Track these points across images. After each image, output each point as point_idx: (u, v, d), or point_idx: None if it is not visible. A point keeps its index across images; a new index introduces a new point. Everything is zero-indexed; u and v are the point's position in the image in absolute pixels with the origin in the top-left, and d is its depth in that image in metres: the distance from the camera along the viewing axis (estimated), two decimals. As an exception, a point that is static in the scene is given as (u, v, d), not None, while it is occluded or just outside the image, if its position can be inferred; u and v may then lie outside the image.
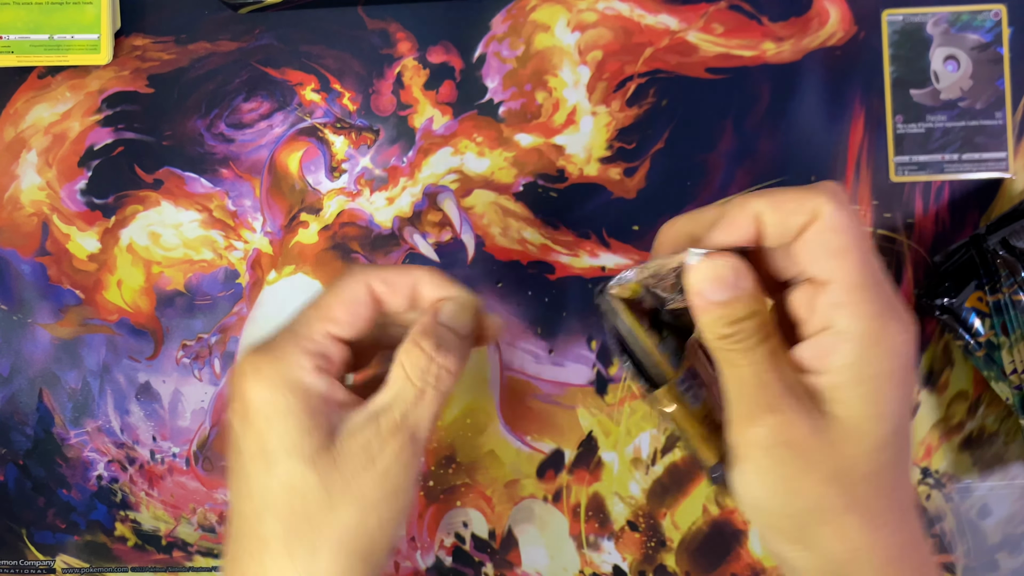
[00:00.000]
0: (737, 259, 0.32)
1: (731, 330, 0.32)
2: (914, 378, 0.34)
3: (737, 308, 0.32)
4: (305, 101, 0.51)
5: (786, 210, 0.31)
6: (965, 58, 0.50)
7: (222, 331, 0.51)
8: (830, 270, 0.31)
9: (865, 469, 0.32)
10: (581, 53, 0.51)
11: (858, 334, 0.31)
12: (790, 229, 0.32)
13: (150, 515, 0.52)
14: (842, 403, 0.31)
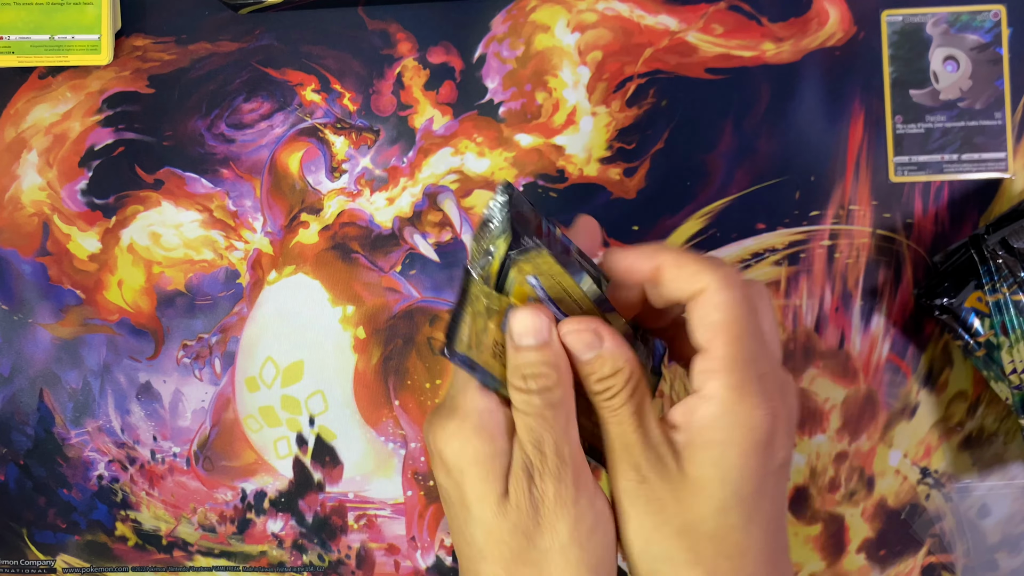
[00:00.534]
0: (596, 322, 0.34)
1: (600, 387, 0.35)
2: (775, 455, 0.34)
3: (602, 366, 0.34)
4: (305, 101, 0.51)
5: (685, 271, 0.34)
6: (964, 58, 0.50)
7: (223, 331, 0.52)
8: (707, 340, 0.34)
9: (710, 528, 0.34)
10: (581, 53, 0.51)
11: (716, 401, 0.34)
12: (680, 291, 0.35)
13: (151, 515, 0.52)
14: (692, 463, 0.34)
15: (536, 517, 0.35)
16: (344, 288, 0.51)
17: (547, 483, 0.35)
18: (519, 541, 0.35)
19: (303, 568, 0.52)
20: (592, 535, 0.35)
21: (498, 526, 0.35)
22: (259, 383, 0.52)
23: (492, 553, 0.36)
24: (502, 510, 0.35)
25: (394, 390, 0.51)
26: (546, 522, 0.35)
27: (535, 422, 0.35)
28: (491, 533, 0.36)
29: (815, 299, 0.51)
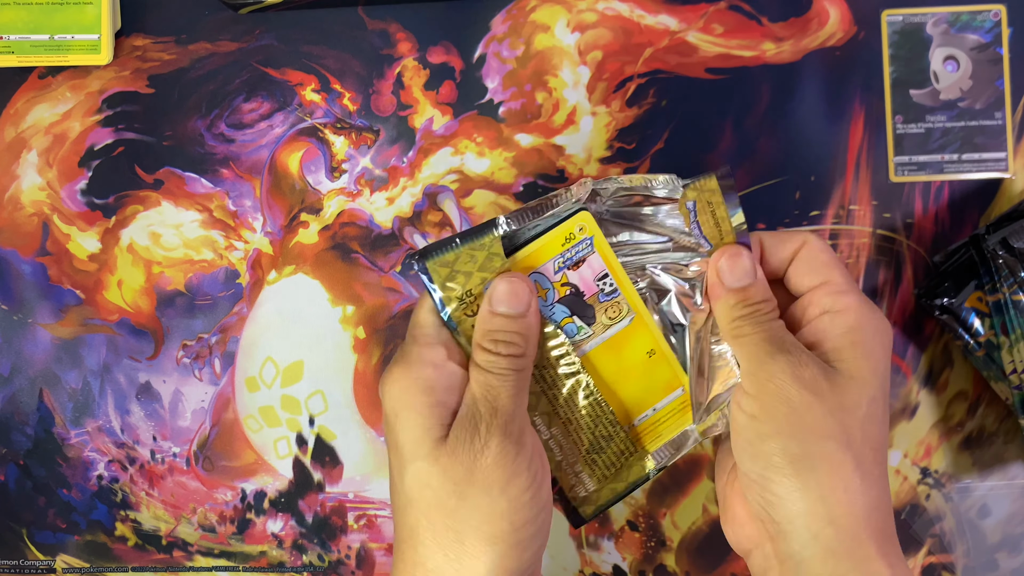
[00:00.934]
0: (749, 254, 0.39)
1: (748, 310, 0.39)
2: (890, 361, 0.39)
3: (754, 292, 0.39)
4: (305, 101, 0.51)
5: (782, 237, 0.41)
6: (965, 58, 0.50)
7: (222, 331, 0.52)
8: (823, 276, 0.39)
9: (863, 413, 0.37)
10: (581, 53, 0.51)
11: (855, 311, 0.38)
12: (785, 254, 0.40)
13: (150, 515, 0.52)
14: (842, 360, 0.37)
15: (472, 467, 0.36)
16: (344, 288, 0.51)
17: (492, 436, 0.36)
18: (447, 488, 0.36)
19: (303, 568, 0.52)
20: (524, 494, 0.37)
21: (428, 471, 0.36)
22: (259, 383, 0.52)
23: (418, 499, 0.37)
24: (435, 456, 0.36)
25: (394, 390, 0.51)
26: (481, 473, 0.36)
27: (495, 380, 0.37)
28: (420, 478, 0.37)
29: (815, 299, 0.51)
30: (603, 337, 0.39)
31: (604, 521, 0.51)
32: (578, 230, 0.38)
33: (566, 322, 0.38)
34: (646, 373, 0.40)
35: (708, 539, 0.51)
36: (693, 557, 0.51)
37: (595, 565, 0.52)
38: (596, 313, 0.39)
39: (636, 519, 0.51)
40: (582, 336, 0.39)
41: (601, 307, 0.39)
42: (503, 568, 0.36)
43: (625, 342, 0.40)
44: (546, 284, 0.38)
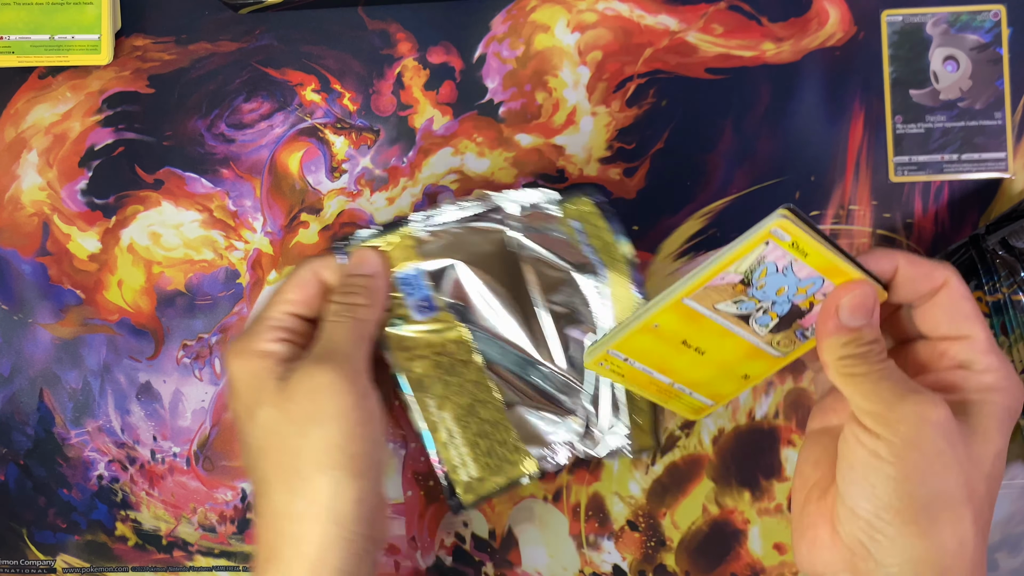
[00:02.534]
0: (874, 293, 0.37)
1: (862, 350, 0.37)
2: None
3: (868, 332, 0.37)
4: (305, 101, 0.51)
5: (922, 269, 0.38)
6: (964, 58, 0.50)
7: (223, 331, 0.52)
8: (966, 330, 0.38)
9: (987, 469, 0.36)
10: (581, 53, 0.51)
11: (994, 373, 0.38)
12: (920, 289, 0.38)
13: (151, 515, 0.52)
14: (972, 415, 0.37)
15: (312, 404, 0.39)
16: (344, 288, 0.51)
17: (326, 374, 0.40)
18: (290, 429, 0.40)
19: (303, 568, 0.52)
20: (357, 427, 0.40)
21: (274, 417, 0.41)
22: (259, 383, 0.52)
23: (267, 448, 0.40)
24: (278, 400, 0.40)
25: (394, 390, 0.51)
26: (318, 407, 0.39)
27: (336, 326, 0.42)
28: (267, 425, 0.40)
29: (815, 299, 0.51)
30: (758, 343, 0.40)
31: (604, 521, 0.51)
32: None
33: (771, 315, 0.39)
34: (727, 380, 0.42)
35: (708, 539, 0.51)
36: (693, 557, 0.51)
37: (595, 565, 0.52)
38: (784, 335, 0.40)
39: (636, 519, 0.51)
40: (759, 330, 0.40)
41: (787, 334, 0.40)
42: (342, 496, 0.39)
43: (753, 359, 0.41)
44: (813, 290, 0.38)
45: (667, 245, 0.51)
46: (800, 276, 0.38)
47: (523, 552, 0.52)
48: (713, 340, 0.40)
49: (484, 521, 0.52)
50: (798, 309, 0.39)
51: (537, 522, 0.51)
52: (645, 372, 0.42)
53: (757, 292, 0.38)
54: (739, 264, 0.37)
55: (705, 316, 0.39)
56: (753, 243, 0.37)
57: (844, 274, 0.38)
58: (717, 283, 0.38)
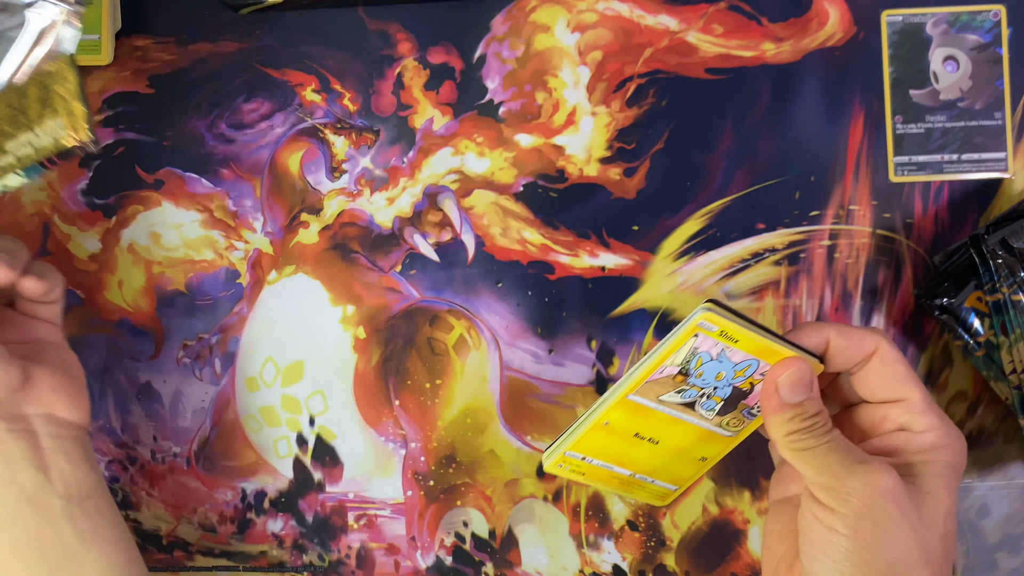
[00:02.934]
0: (809, 368, 0.38)
1: (806, 424, 0.38)
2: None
3: (810, 406, 0.38)
4: (305, 102, 0.51)
5: (852, 339, 0.39)
6: (964, 58, 0.50)
7: (223, 331, 0.52)
8: (901, 392, 0.39)
9: (940, 530, 0.37)
10: (581, 54, 0.51)
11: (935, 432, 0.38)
12: (853, 357, 0.39)
13: (151, 515, 0.52)
14: (918, 476, 0.38)
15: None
16: (344, 288, 0.51)
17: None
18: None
19: (303, 568, 0.52)
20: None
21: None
22: (259, 383, 0.52)
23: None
24: None
25: (394, 390, 0.51)
26: None
27: None
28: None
29: (815, 299, 0.51)
30: (708, 426, 0.41)
31: (604, 521, 0.51)
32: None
33: (715, 399, 0.40)
34: (684, 464, 0.43)
35: (708, 539, 0.51)
36: (693, 557, 0.51)
37: (595, 565, 0.52)
38: (731, 415, 0.41)
39: (636, 519, 0.51)
40: (706, 414, 0.41)
41: (738, 416, 0.41)
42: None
43: (707, 441, 0.42)
44: (750, 373, 0.39)
45: (667, 245, 0.51)
46: (735, 361, 0.39)
47: (523, 552, 0.52)
48: (665, 429, 0.41)
49: (484, 521, 0.52)
50: (740, 391, 0.40)
51: (537, 522, 0.51)
52: (604, 468, 0.42)
53: (697, 380, 0.39)
54: (674, 358, 0.38)
55: (652, 408, 0.40)
56: (683, 337, 0.38)
57: (777, 353, 0.39)
58: (657, 377, 0.39)
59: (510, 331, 0.51)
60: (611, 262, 0.51)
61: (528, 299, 0.51)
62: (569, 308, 0.51)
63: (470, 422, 0.51)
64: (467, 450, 0.51)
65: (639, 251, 0.51)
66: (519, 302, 0.51)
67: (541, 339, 0.51)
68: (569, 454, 0.41)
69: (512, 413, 0.51)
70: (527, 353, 0.51)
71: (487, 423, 0.51)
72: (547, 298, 0.51)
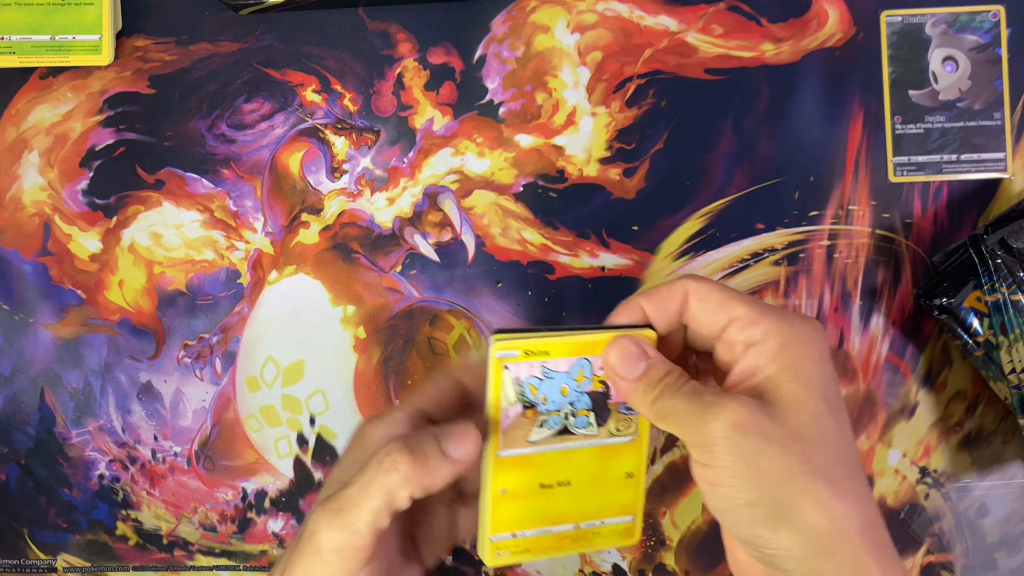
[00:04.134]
0: (635, 337, 0.37)
1: (658, 390, 0.37)
2: (831, 364, 0.37)
3: (655, 371, 0.37)
4: (306, 102, 0.51)
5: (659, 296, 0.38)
6: (964, 59, 0.50)
7: (223, 331, 0.52)
8: (726, 314, 0.37)
9: (815, 433, 0.34)
10: (581, 54, 0.51)
11: (774, 334, 0.36)
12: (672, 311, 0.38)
13: (151, 514, 0.52)
14: (776, 388, 0.35)
15: None
16: (344, 288, 0.51)
17: None
18: None
19: (304, 567, 0.52)
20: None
21: None
22: (260, 383, 0.52)
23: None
24: None
25: (394, 390, 0.52)
26: None
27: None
28: None
29: (814, 299, 0.51)
30: (601, 441, 0.39)
31: (604, 520, 0.51)
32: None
33: (582, 413, 0.39)
34: (615, 489, 0.40)
35: (707, 538, 0.51)
36: (693, 556, 0.52)
37: (595, 564, 0.52)
38: (609, 419, 0.39)
39: (636, 518, 0.51)
40: (587, 432, 0.39)
41: (616, 417, 0.39)
42: None
43: (615, 457, 0.40)
44: (588, 373, 0.39)
45: (667, 245, 0.51)
46: (564, 370, 0.38)
47: (523, 551, 0.52)
48: (563, 466, 0.39)
49: (484, 520, 0.52)
50: (598, 393, 0.39)
51: (537, 521, 0.52)
52: (542, 534, 0.40)
53: (547, 406, 0.38)
54: (506, 399, 0.37)
55: (534, 454, 0.39)
56: (496, 377, 0.37)
57: (600, 343, 0.38)
58: (509, 425, 0.38)
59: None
60: (611, 262, 0.51)
61: (528, 299, 0.51)
62: (569, 308, 0.51)
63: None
64: (467, 450, 0.51)
65: (639, 251, 0.51)
66: (519, 302, 0.51)
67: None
68: (496, 538, 0.39)
69: (512, 413, 0.51)
70: (527, 353, 0.51)
71: (487, 423, 0.51)
72: (547, 298, 0.51)
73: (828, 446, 0.35)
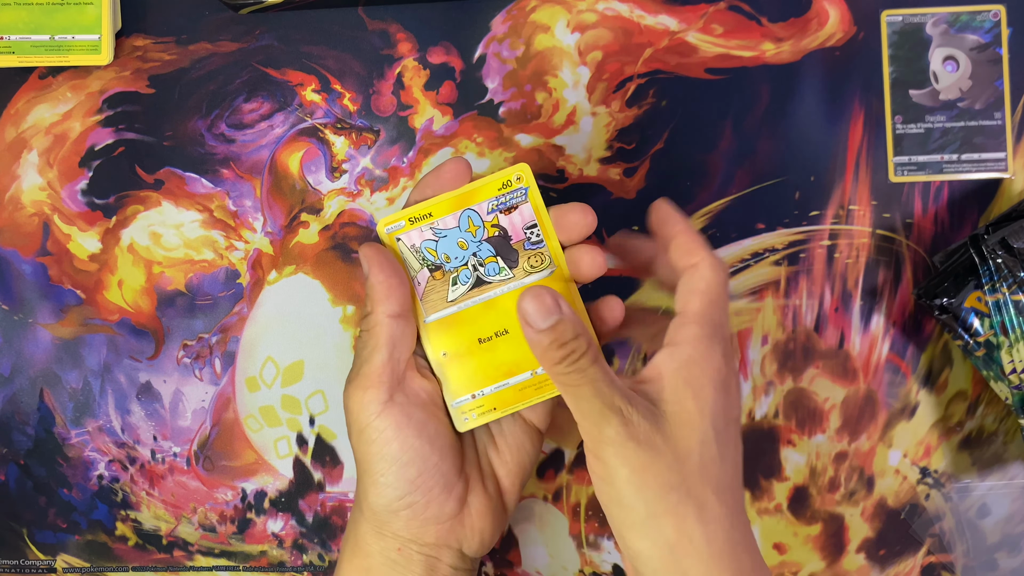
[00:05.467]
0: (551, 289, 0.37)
1: (563, 352, 0.36)
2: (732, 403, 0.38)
3: (563, 331, 0.36)
4: (306, 102, 0.51)
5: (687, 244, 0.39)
6: (964, 58, 0.50)
7: (223, 331, 0.52)
8: (687, 301, 0.38)
9: (696, 459, 0.36)
10: (581, 54, 0.51)
11: (691, 345, 0.37)
12: (679, 260, 0.39)
13: (151, 515, 0.52)
14: (672, 402, 0.37)
15: None
16: (344, 288, 0.51)
17: None
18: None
19: (303, 568, 0.52)
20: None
21: None
22: (259, 383, 0.52)
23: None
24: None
25: (394, 390, 0.51)
26: None
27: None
28: None
29: (815, 299, 0.51)
30: (521, 282, 0.40)
31: (604, 521, 0.51)
32: (515, 179, 0.40)
33: (489, 260, 0.40)
34: None
35: (708, 539, 0.51)
36: (693, 557, 0.51)
37: (595, 565, 0.52)
38: (520, 259, 0.40)
39: (636, 519, 0.51)
40: (502, 277, 0.40)
41: (525, 254, 0.40)
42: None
43: None
44: (477, 221, 0.40)
45: (667, 245, 0.51)
46: (453, 226, 0.40)
47: (523, 552, 0.52)
48: (494, 317, 0.40)
49: (484, 521, 0.52)
50: (496, 238, 0.40)
51: (537, 522, 0.51)
52: (501, 388, 0.41)
53: (453, 263, 0.40)
54: (411, 268, 0.40)
55: (458, 311, 0.40)
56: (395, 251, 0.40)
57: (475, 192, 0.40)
58: (423, 291, 0.40)
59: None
60: (611, 262, 0.51)
61: (528, 299, 0.51)
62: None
63: (470, 422, 0.51)
64: (467, 450, 0.51)
65: (639, 251, 0.51)
66: (519, 302, 0.51)
67: (541, 339, 0.51)
68: (457, 403, 0.41)
69: (512, 413, 0.51)
70: (527, 353, 0.51)
71: (487, 423, 0.51)
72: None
73: (706, 472, 0.36)
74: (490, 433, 0.43)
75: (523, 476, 0.43)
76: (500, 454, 0.43)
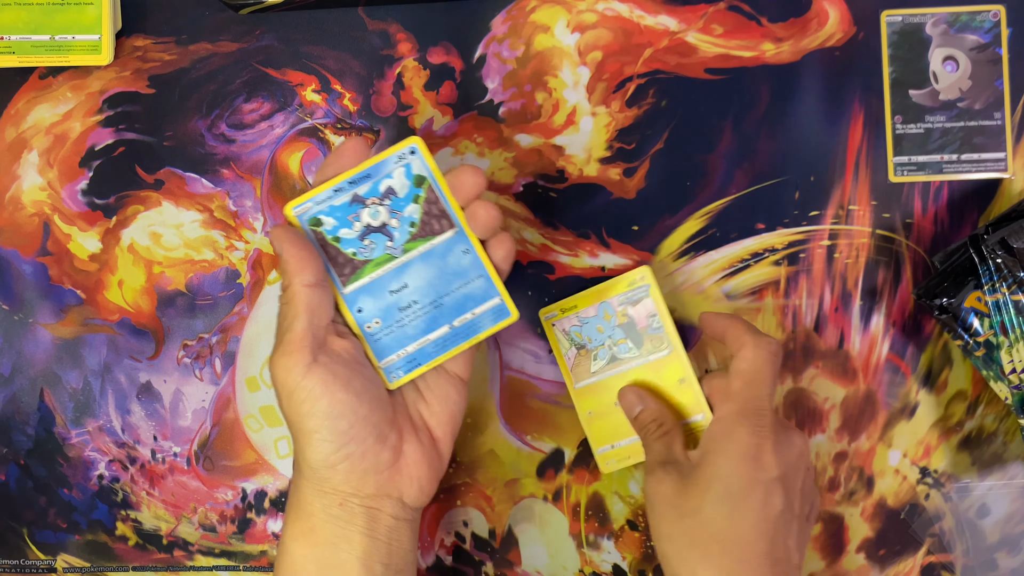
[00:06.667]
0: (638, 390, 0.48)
1: (642, 431, 0.48)
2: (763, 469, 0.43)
3: (644, 417, 0.48)
4: (306, 102, 0.51)
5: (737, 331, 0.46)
6: (964, 59, 0.50)
7: (223, 331, 0.52)
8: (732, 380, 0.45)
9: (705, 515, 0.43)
10: (581, 54, 0.51)
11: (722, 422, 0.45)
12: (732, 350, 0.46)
13: (151, 514, 0.52)
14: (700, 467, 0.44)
15: None
16: (344, 288, 0.51)
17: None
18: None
19: (303, 568, 0.52)
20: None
21: None
22: (259, 383, 0.52)
23: None
24: None
25: (394, 390, 0.51)
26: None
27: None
28: None
29: (815, 299, 0.51)
30: (645, 359, 0.49)
31: (604, 521, 0.51)
32: (639, 278, 0.48)
33: (621, 342, 0.49)
34: (675, 395, 0.49)
35: (708, 538, 0.51)
36: (693, 556, 0.52)
37: (595, 564, 0.52)
38: (644, 341, 0.49)
39: (636, 519, 0.51)
40: (631, 355, 0.49)
41: (648, 337, 0.48)
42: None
43: (663, 367, 0.49)
44: (611, 312, 0.49)
45: (667, 245, 0.51)
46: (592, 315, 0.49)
47: (523, 552, 0.52)
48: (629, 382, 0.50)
49: (484, 520, 0.52)
50: (626, 324, 0.49)
51: (537, 522, 0.52)
52: (635, 441, 0.49)
53: (594, 344, 0.49)
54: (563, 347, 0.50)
55: (600, 381, 0.50)
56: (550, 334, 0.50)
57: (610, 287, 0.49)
58: (572, 364, 0.50)
59: (510, 331, 0.51)
60: (611, 262, 0.51)
61: (528, 299, 0.51)
62: (569, 308, 0.51)
63: (470, 422, 0.51)
64: (467, 450, 0.51)
65: (639, 251, 0.51)
66: (519, 302, 0.51)
67: (541, 339, 0.51)
68: (600, 451, 0.50)
69: (512, 413, 0.51)
70: (527, 353, 0.51)
71: (487, 423, 0.51)
72: (547, 298, 0.51)
73: (713, 527, 0.42)
74: (417, 388, 0.46)
75: (453, 425, 0.46)
76: (429, 406, 0.46)
